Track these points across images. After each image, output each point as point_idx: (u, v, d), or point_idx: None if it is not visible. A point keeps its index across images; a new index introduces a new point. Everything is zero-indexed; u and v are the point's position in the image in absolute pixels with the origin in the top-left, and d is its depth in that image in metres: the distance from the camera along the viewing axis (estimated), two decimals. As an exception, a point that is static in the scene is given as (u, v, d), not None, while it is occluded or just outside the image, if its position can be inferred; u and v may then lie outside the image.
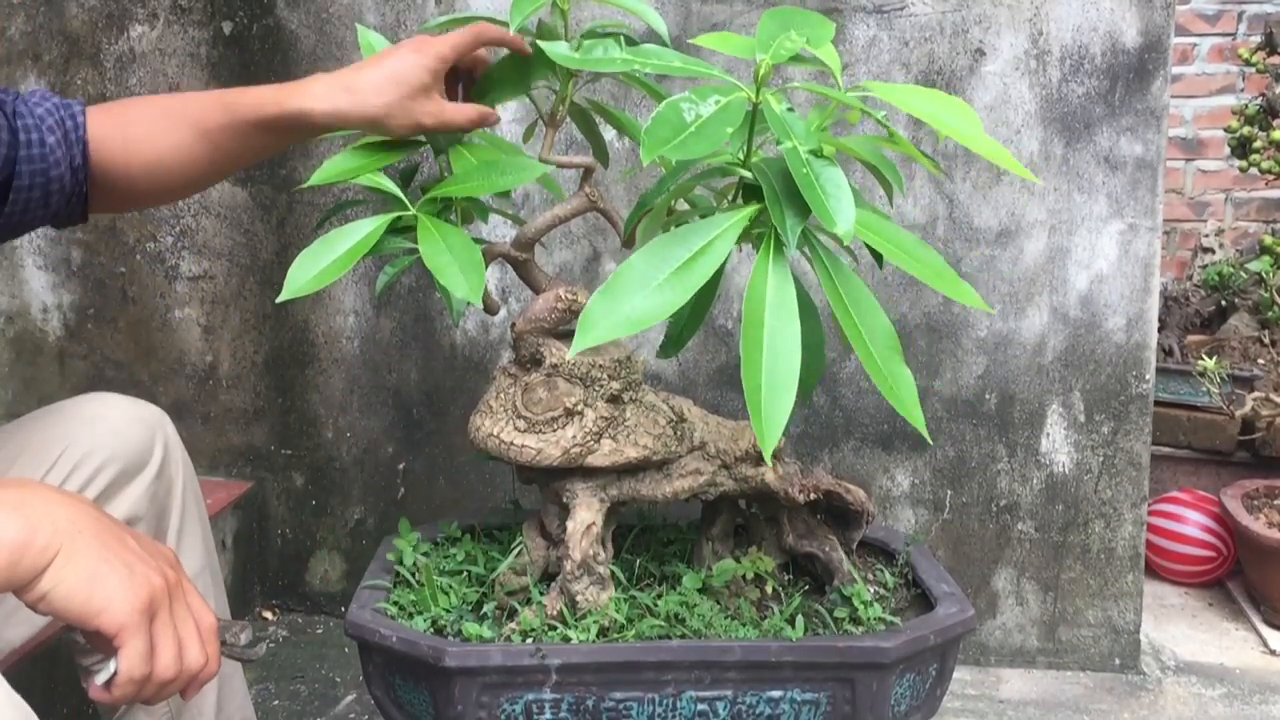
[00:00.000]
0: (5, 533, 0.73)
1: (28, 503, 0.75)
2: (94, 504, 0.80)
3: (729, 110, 0.85)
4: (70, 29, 1.82)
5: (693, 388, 1.79)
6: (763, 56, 0.87)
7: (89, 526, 0.76)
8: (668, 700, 0.96)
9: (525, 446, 1.04)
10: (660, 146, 0.81)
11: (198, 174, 1.07)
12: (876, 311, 0.88)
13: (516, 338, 1.08)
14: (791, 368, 0.82)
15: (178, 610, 0.79)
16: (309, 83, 1.02)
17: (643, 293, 0.81)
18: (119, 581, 0.75)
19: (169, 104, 1.09)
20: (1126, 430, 1.75)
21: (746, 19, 1.70)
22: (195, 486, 1.17)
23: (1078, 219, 1.72)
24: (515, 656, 0.95)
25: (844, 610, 1.06)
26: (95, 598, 0.74)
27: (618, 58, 0.92)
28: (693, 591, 1.06)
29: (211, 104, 1.06)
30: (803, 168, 0.83)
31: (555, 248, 1.78)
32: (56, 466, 1.06)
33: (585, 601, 1.01)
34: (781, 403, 0.80)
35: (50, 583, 0.74)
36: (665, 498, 1.07)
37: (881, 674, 0.97)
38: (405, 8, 1.76)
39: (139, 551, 0.78)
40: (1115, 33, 1.68)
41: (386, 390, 1.86)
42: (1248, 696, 1.74)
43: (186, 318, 1.87)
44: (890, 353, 0.88)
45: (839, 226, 0.81)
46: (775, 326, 0.83)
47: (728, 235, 0.85)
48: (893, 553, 1.20)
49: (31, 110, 1.02)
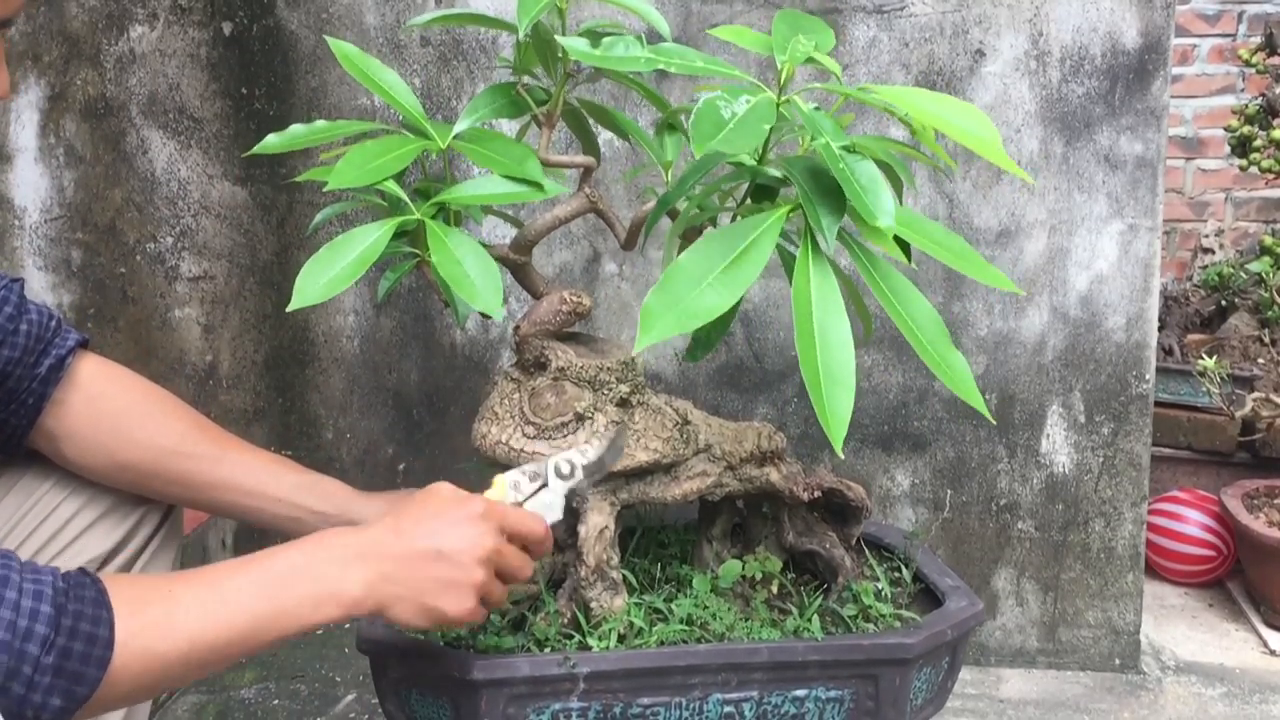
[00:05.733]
0: (333, 602, 0.86)
1: (322, 563, 0.87)
2: (392, 533, 0.89)
3: (760, 109, 0.86)
4: (70, 29, 1.82)
5: (693, 388, 1.79)
6: (783, 59, 0.88)
7: (398, 575, 0.88)
8: (695, 704, 0.96)
9: (536, 453, 1.03)
10: (707, 140, 0.82)
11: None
12: (920, 300, 0.89)
13: (520, 341, 1.07)
14: (847, 361, 0.83)
15: (505, 558, 0.90)
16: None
17: (697, 290, 0.83)
18: (446, 605, 0.88)
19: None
20: (1126, 430, 1.75)
21: (747, 19, 1.70)
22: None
23: (1078, 219, 1.72)
24: (543, 666, 0.94)
25: (854, 607, 1.06)
26: (436, 621, 0.89)
27: (641, 56, 0.92)
28: (705, 594, 1.06)
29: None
30: (839, 163, 0.84)
31: (555, 249, 1.78)
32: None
33: (600, 608, 1.01)
34: (843, 395, 0.82)
35: (392, 618, 0.89)
36: (674, 500, 1.07)
37: (904, 669, 0.98)
38: (405, 8, 1.76)
39: (448, 564, 0.88)
40: (1115, 33, 1.68)
41: (386, 390, 1.86)
42: (1248, 696, 1.74)
43: (186, 318, 1.87)
44: (940, 338, 0.89)
45: (880, 220, 0.82)
46: (825, 323, 0.84)
47: (769, 234, 0.86)
48: (888, 547, 1.20)
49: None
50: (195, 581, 0.86)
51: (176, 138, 1.82)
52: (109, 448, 1.06)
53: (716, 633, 1.01)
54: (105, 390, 1.09)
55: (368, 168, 0.96)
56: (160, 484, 1.09)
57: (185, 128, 1.82)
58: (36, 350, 1.05)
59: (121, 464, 1.07)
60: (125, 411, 1.09)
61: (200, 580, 0.86)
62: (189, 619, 0.83)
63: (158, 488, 1.09)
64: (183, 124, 1.82)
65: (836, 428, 0.81)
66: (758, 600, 1.08)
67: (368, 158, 0.97)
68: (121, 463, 1.07)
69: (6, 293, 1.03)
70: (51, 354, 1.06)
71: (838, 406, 0.82)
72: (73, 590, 0.80)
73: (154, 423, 1.10)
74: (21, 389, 1.04)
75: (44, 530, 1.04)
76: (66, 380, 1.06)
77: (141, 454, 1.07)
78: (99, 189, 1.84)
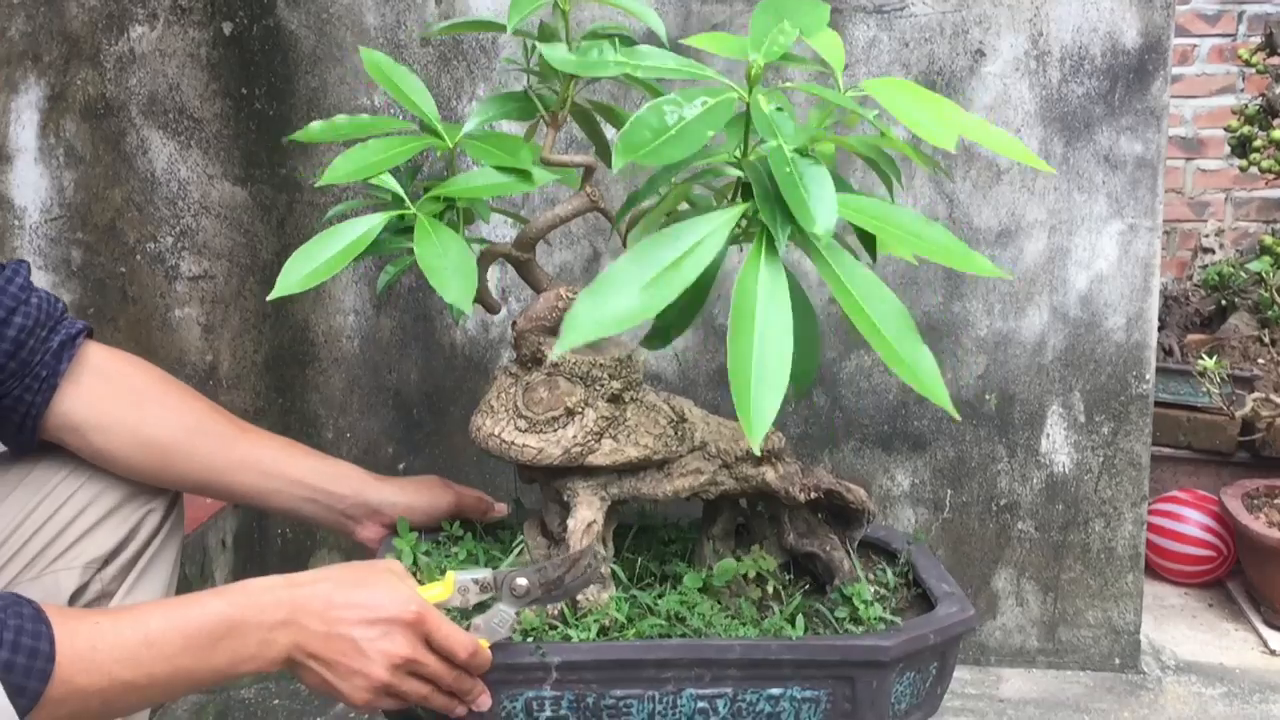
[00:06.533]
0: (225, 658, 0.89)
1: (248, 623, 0.89)
2: (322, 604, 0.91)
3: (715, 111, 0.84)
4: (70, 29, 1.82)
5: (693, 388, 1.79)
6: (755, 56, 0.87)
7: (312, 648, 0.90)
8: (668, 698, 0.97)
9: (526, 446, 1.04)
10: (633, 153, 0.81)
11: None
12: (884, 295, 0.85)
13: (517, 337, 1.08)
14: (782, 360, 0.80)
15: (423, 666, 0.91)
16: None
17: (628, 292, 0.80)
18: (346, 690, 0.91)
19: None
20: (1126, 430, 1.75)
21: (746, 19, 1.70)
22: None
23: (1078, 219, 1.72)
24: (515, 654, 0.95)
25: (845, 610, 1.06)
26: (332, 694, 0.92)
27: (611, 61, 0.92)
28: (693, 591, 1.06)
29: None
30: (785, 166, 0.82)
31: (556, 248, 1.78)
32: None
33: (586, 601, 1.01)
34: (771, 395, 0.79)
35: (298, 678, 0.93)
36: (666, 496, 1.08)
37: (881, 672, 0.97)
38: (405, 8, 1.76)
39: (361, 658, 0.90)
40: (1115, 33, 1.68)
41: (386, 390, 1.86)
42: (1248, 696, 1.74)
43: (186, 317, 1.87)
44: (905, 333, 0.84)
45: (817, 225, 0.80)
46: (767, 318, 0.82)
47: (717, 234, 0.84)
48: (893, 552, 1.20)
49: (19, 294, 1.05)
50: (124, 621, 0.86)
51: (176, 138, 1.82)
52: (131, 425, 1.07)
53: (695, 628, 1.01)
54: (121, 369, 1.10)
55: (362, 165, 0.97)
56: (184, 463, 1.09)
57: (185, 128, 1.82)
58: (48, 325, 1.06)
59: (146, 441, 1.07)
60: (145, 390, 1.10)
61: (129, 621, 0.87)
62: (111, 657, 0.84)
63: (180, 467, 1.09)
64: (183, 124, 1.82)
65: (758, 426, 0.78)
66: (745, 599, 1.08)
67: (364, 155, 0.98)
68: (146, 439, 1.07)
69: (15, 269, 1.06)
70: (61, 331, 1.07)
71: (764, 406, 0.79)
72: (10, 607, 0.80)
73: (174, 400, 1.11)
74: (35, 360, 1.04)
75: (51, 526, 1.04)
76: (80, 361, 1.07)
77: (167, 432, 1.08)
78: (99, 189, 1.84)
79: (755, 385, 0.79)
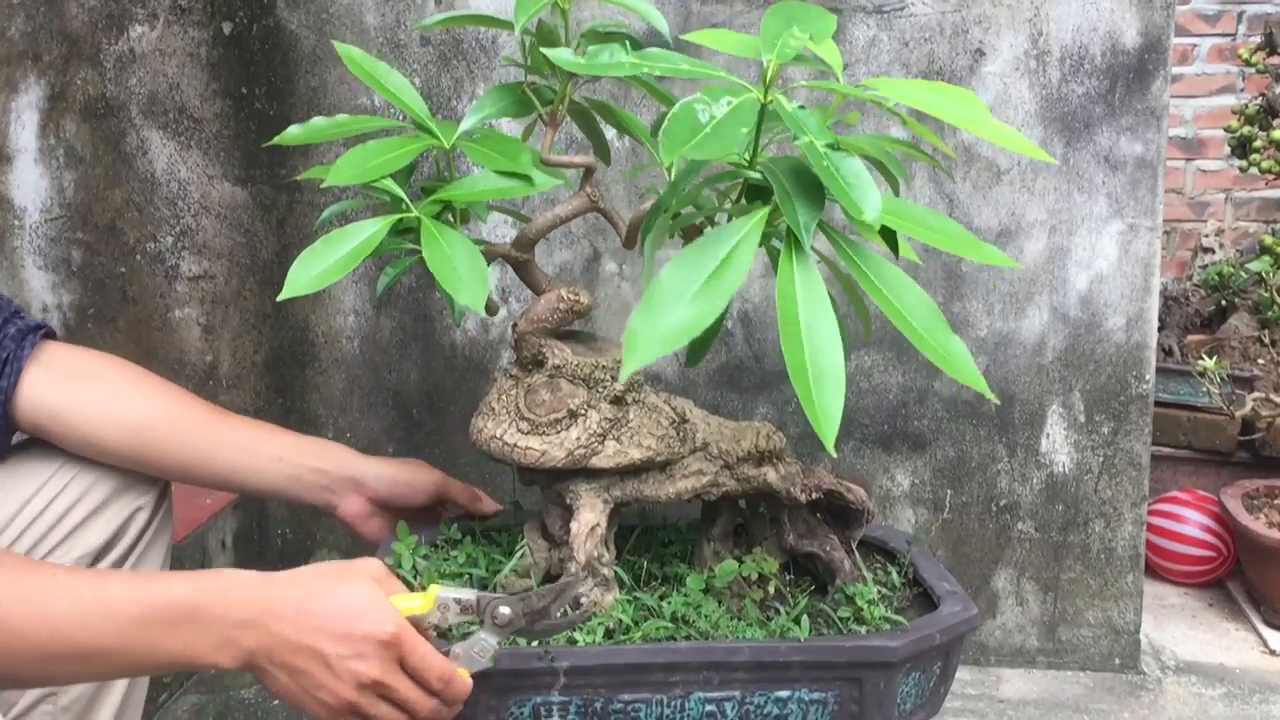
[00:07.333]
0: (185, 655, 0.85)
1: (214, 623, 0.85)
2: (293, 610, 0.86)
3: (741, 111, 0.85)
4: (70, 29, 1.82)
5: (693, 388, 1.79)
6: (769, 57, 0.87)
7: (278, 656, 0.86)
8: (676, 701, 0.96)
9: (529, 448, 1.03)
10: (679, 147, 0.81)
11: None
12: (911, 287, 0.87)
13: (518, 339, 1.08)
14: (835, 357, 0.82)
15: (393, 690, 0.86)
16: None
17: (680, 306, 0.81)
18: (309, 703, 0.86)
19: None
20: (1126, 430, 1.75)
21: (746, 19, 1.70)
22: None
23: (1078, 219, 1.72)
24: (523, 660, 0.94)
25: (848, 610, 1.06)
26: (295, 705, 0.87)
27: (625, 62, 0.92)
28: (697, 593, 1.06)
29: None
30: (823, 160, 0.83)
31: (555, 248, 1.78)
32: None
33: (590, 604, 1.01)
34: (833, 393, 0.81)
35: (260, 681, 0.87)
36: (668, 498, 1.07)
37: (888, 673, 0.97)
38: (405, 8, 1.76)
39: (329, 672, 0.85)
40: (1115, 33, 1.68)
41: (386, 390, 1.86)
42: (1248, 696, 1.74)
43: (186, 318, 1.87)
44: (935, 323, 0.87)
45: (866, 214, 0.81)
46: (811, 320, 0.83)
47: (749, 240, 0.85)
48: (893, 551, 1.20)
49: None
50: (83, 579, 0.83)
51: (176, 138, 1.82)
52: (107, 407, 1.06)
53: (701, 631, 1.01)
54: (87, 359, 1.09)
55: (366, 166, 0.97)
56: (164, 443, 1.08)
57: (185, 128, 1.82)
58: (2, 315, 1.05)
59: (124, 424, 1.06)
60: (115, 376, 1.09)
61: (89, 580, 0.84)
62: (61, 610, 0.80)
63: (160, 448, 1.08)
64: (183, 124, 1.82)
65: (828, 427, 0.80)
66: (749, 600, 1.08)
67: (367, 156, 0.97)
68: (124, 423, 1.06)
69: None
70: (18, 321, 1.06)
71: (828, 405, 0.81)
72: None
73: (147, 385, 1.11)
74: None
75: (42, 522, 1.04)
76: (45, 350, 1.06)
77: (145, 414, 1.07)
78: (99, 189, 1.84)
79: (815, 386, 0.81)
